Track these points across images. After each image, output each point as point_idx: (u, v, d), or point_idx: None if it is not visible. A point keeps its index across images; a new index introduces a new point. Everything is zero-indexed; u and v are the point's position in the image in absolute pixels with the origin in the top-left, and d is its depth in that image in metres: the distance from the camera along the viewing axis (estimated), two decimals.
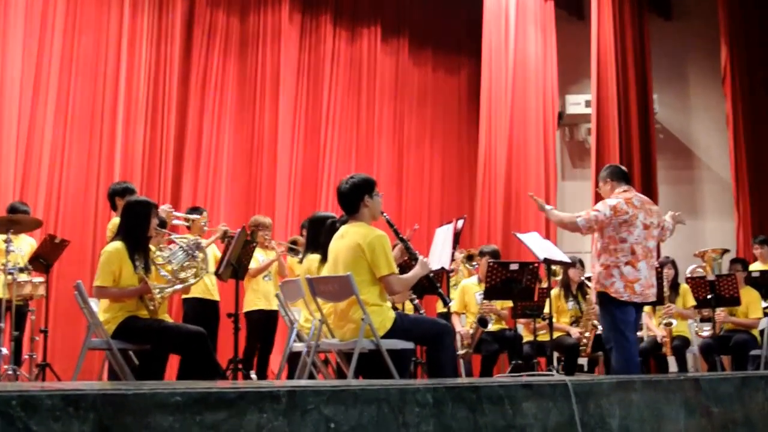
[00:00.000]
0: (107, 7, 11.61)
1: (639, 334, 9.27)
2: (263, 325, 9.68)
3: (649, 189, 13.41)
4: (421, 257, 6.43)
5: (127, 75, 11.61)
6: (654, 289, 7.32)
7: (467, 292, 9.95)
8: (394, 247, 6.41)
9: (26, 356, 8.81)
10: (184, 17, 12.39)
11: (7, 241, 8.32)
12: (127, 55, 11.62)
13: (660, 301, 9.43)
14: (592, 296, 7.53)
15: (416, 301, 6.99)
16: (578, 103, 15.11)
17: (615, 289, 7.05)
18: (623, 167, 7.77)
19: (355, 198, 6.22)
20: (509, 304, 9.40)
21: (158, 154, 11.74)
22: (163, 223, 7.44)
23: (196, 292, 8.67)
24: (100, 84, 11.43)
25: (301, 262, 8.09)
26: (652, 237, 7.27)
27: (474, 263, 10.61)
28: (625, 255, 7.08)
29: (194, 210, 9.67)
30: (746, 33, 14.75)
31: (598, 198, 7.70)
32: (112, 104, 11.46)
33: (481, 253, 10.02)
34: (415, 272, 6.27)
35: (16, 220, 8.54)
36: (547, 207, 7.65)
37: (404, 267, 6.91)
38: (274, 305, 9.51)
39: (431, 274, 6.73)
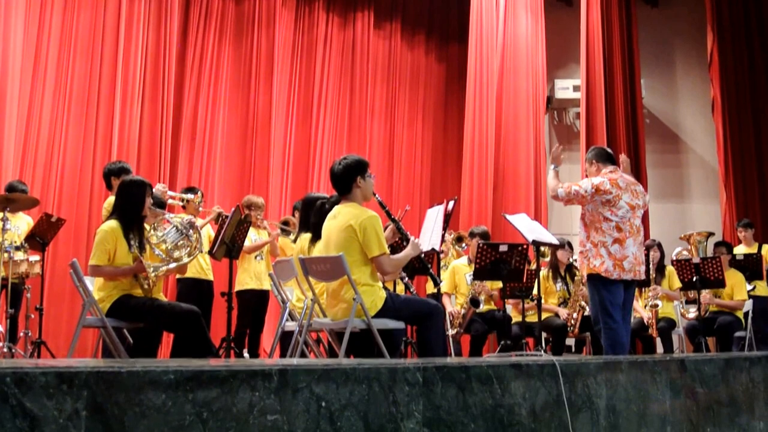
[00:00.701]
0: None
1: None
2: (254, 304, 9.65)
3: (637, 172, 13.37)
4: (412, 238, 6.43)
5: (125, 55, 11.57)
6: (643, 267, 7.28)
7: (458, 272, 9.93)
8: (385, 228, 6.39)
9: (21, 334, 8.77)
10: None
11: (4, 220, 8.26)
12: (125, 36, 11.59)
13: (646, 282, 9.45)
14: (582, 273, 7.48)
15: (407, 280, 6.97)
16: (566, 88, 15.13)
17: (605, 268, 7.01)
18: (608, 149, 7.74)
19: (347, 179, 6.21)
20: (498, 284, 9.38)
21: (155, 135, 11.69)
22: (160, 203, 7.40)
23: (190, 272, 8.66)
24: (98, 64, 11.40)
25: (294, 241, 8.08)
26: (638, 217, 7.24)
27: (463, 245, 10.60)
28: (611, 233, 7.04)
29: (189, 190, 9.62)
30: (731, 20, 14.80)
31: None
32: (110, 84, 11.42)
33: (471, 234, 10.00)
34: (407, 253, 6.27)
35: (12, 199, 8.48)
36: (554, 165, 7.56)
37: (395, 247, 6.89)
38: (265, 285, 9.53)
39: (422, 255, 6.72)
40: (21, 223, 9.13)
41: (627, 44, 14.32)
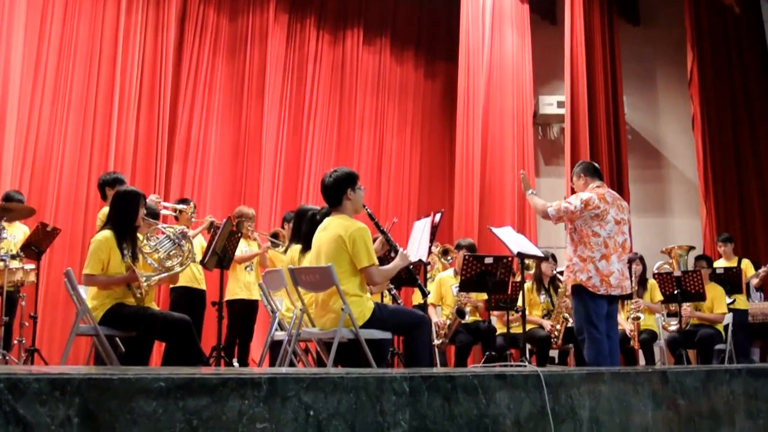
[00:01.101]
0: (102, 1, 11.52)
1: None
2: (244, 314, 9.63)
3: (619, 187, 13.48)
4: (401, 249, 6.42)
5: (122, 68, 11.58)
6: (629, 282, 7.34)
7: (444, 284, 9.93)
8: (375, 239, 6.39)
9: (15, 341, 8.73)
10: (178, 14, 12.37)
11: (0, 229, 8.24)
12: (122, 48, 11.60)
13: (629, 295, 9.45)
14: (567, 287, 7.49)
15: (394, 292, 6.97)
16: (551, 104, 15.21)
17: (592, 284, 7.03)
18: (596, 164, 7.77)
19: (338, 191, 6.21)
20: (484, 296, 9.37)
21: (150, 146, 11.69)
22: (155, 214, 7.39)
23: (183, 281, 8.64)
24: (95, 76, 11.40)
25: (285, 252, 8.07)
26: (623, 233, 7.26)
27: (449, 258, 10.60)
28: (599, 249, 7.07)
29: (182, 201, 9.63)
30: (711, 39, 14.89)
31: (573, 194, 7.69)
32: (107, 96, 11.42)
33: (458, 247, 10.00)
34: (395, 264, 6.26)
35: (9, 208, 8.48)
36: (530, 191, 7.63)
37: (384, 259, 6.88)
38: (254, 295, 9.53)
39: (411, 266, 6.72)
40: (17, 232, 9.09)
41: (610, 62, 14.41)
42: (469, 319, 9.67)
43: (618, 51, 14.63)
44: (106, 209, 7.40)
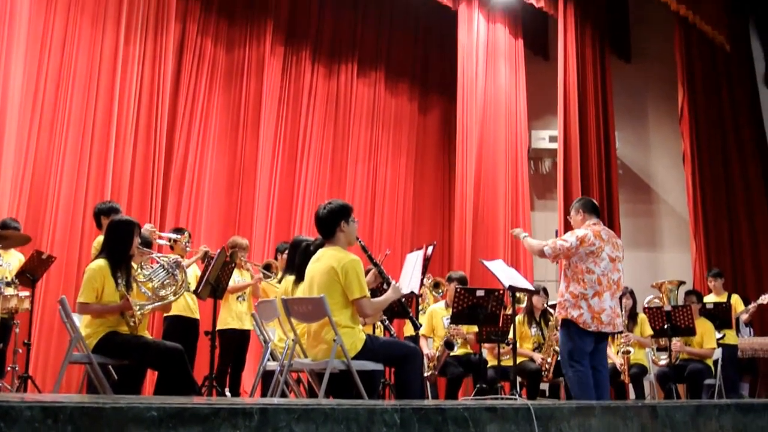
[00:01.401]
0: (101, 31, 11.50)
1: None
2: (235, 343, 9.61)
3: (610, 222, 13.49)
4: (393, 282, 6.42)
5: (120, 97, 11.50)
6: (620, 319, 7.37)
7: (435, 316, 9.91)
8: (367, 271, 6.39)
9: (9, 368, 8.70)
10: (176, 44, 12.37)
11: None
12: (120, 78, 11.52)
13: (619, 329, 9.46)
14: (558, 319, 7.50)
15: (387, 323, 6.96)
16: (543, 138, 15.26)
17: (583, 320, 7.05)
18: (594, 201, 7.79)
19: (332, 223, 6.22)
20: (475, 328, 9.35)
21: (147, 176, 11.62)
22: (147, 243, 7.39)
23: (176, 310, 8.63)
24: (93, 105, 11.29)
25: (279, 282, 8.07)
26: (617, 270, 7.28)
27: (440, 291, 10.60)
28: (592, 286, 7.09)
29: (177, 230, 9.65)
30: (701, 75, 14.95)
31: (566, 227, 7.73)
32: (105, 124, 11.34)
33: (449, 279, 9.99)
34: (387, 296, 6.26)
35: (4, 236, 8.49)
36: (522, 235, 7.66)
37: (376, 291, 6.88)
38: (246, 325, 9.52)
39: (403, 299, 6.71)
40: (12, 260, 9.08)
41: (601, 97, 14.46)
42: (460, 351, 9.67)
43: (610, 86, 14.70)
44: (101, 238, 7.40)
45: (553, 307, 8.46)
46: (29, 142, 10.68)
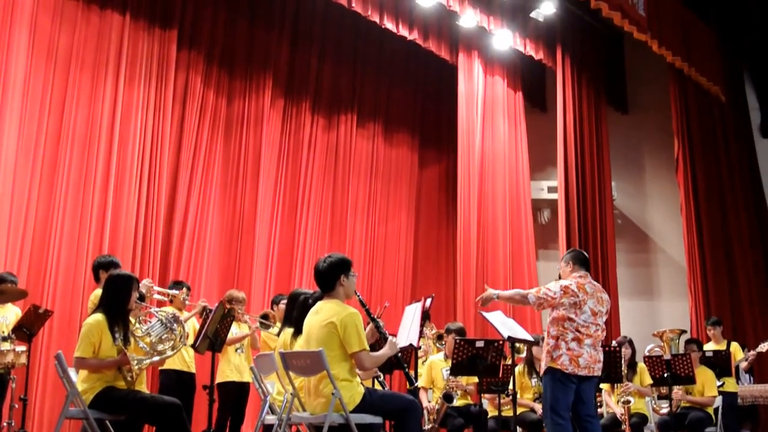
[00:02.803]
0: (103, 81, 11.34)
1: (599, 411, 9.22)
2: (235, 396, 9.51)
3: (606, 271, 13.44)
4: (390, 338, 6.40)
5: (120, 148, 11.34)
6: (600, 365, 7.28)
7: (434, 367, 9.83)
8: (366, 325, 6.33)
9: (5, 424, 8.58)
10: (179, 95, 12.25)
11: None
12: (120, 130, 11.35)
13: (618, 379, 9.39)
14: (541, 368, 7.43)
15: (381, 378, 6.90)
16: (541, 189, 15.24)
17: (561, 361, 7.06)
18: (585, 254, 7.77)
19: (331, 277, 6.22)
20: (475, 379, 9.26)
21: (147, 230, 11.50)
22: (141, 297, 7.31)
23: (173, 364, 8.60)
24: (93, 155, 11.14)
25: (278, 335, 7.99)
26: (597, 324, 7.24)
27: (443, 342, 10.51)
28: (572, 331, 7.11)
29: (177, 284, 9.60)
30: (698, 125, 14.99)
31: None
32: (104, 176, 11.20)
33: (448, 331, 9.92)
34: (384, 352, 6.23)
35: (1, 290, 8.40)
36: (494, 294, 7.53)
37: (375, 346, 6.81)
38: (245, 377, 9.45)
39: (399, 354, 6.64)
40: (9, 314, 8.98)
41: (598, 149, 14.49)
42: (460, 402, 9.59)
43: (606, 138, 14.74)
44: (98, 291, 7.36)
45: None
46: (30, 193, 10.51)
